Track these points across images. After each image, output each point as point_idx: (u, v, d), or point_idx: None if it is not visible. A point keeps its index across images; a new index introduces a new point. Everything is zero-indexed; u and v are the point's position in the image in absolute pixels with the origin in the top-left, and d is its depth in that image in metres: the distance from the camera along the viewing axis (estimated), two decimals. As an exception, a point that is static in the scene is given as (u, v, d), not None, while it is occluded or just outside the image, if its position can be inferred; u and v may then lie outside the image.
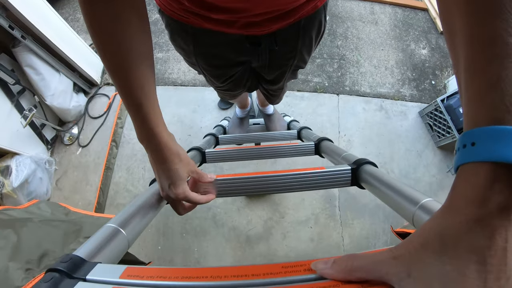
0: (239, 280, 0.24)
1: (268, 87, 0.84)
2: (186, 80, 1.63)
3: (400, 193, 0.37)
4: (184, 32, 0.57)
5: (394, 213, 1.57)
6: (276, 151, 0.81)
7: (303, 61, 0.69)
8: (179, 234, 1.38)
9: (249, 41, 0.57)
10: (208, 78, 0.76)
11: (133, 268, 0.27)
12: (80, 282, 0.25)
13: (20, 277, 0.77)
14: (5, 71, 1.53)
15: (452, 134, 1.47)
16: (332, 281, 0.22)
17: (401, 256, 0.20)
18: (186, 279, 0.24)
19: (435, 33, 1.92)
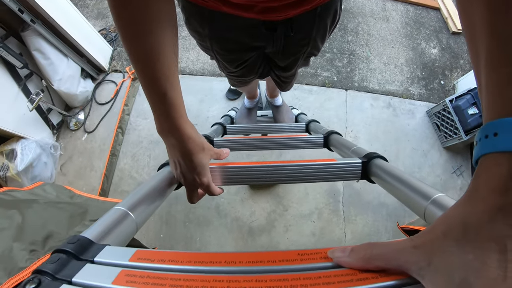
0: (254, 266, 0.23)
1: (280, 74, 0.84)
2: (195, 69, 1.62)
3: (412, 188, 0.36)
4: (200, 15, 0.56)
5: (397, 212, 1.56)
6: (285, 142, 0.80)
7: (316, 48, 0.69)
8: (182, 222, 1.38)
9: (265, 26, 0.57)
10: (221, 64, 0.75)
11: (143, 251, 0.26)
12: (88, 264, 0.25)
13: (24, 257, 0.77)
14: (13, 55, 1.53)
15: (459, 135, 1.46)
16: (349, 270, 0.22)
17: (422, 245, 0.20)
18: (199, 263, 0.24)
19: (446, 33, 1.90)
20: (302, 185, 1.43)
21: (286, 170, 0.49)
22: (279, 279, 0.21)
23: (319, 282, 0.20)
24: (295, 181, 0.50)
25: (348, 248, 0.22)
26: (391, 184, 0.41)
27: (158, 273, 0.23)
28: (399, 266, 0.20)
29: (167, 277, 0.22)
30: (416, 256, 0.19)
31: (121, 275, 0.23)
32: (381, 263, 0.21)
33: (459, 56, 1.84)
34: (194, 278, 0.22)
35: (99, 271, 0.23)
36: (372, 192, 1.46)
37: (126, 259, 0.25)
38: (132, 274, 0.23)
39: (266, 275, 0.21)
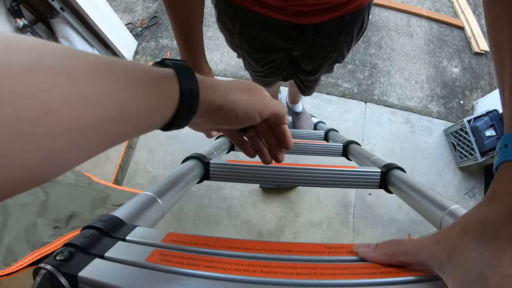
0: (285, 254, 0.24)
1: (304, 78, 0.85)
2: (217, 70, 1.64)
3: (429, 198, 0.37)
4: (232, 13, 0.59)
5: (408, 229, 1.55)
6: (303, 148, 0.81)
7: (342, 55, 0.70)
8: (192, 220, 1.39)
9: (294, 29, 0.59)
10: (247, 62, 0.77)
11: (176, 234, 0.27)
12: (120, 241, 0.25)
13: (47, 233, 0.79)
14: (40, 40, 1.56)
15: (475, 156, 1.45)
16: (373, 263, 0.23)
17: (443, 241, 0.21)
18: (231, 249, 0.24)
19: (468, 53, 1.89)
20: (315, 192, 1.43)
21: (306, 173, 0.50)
22: (308, 267, 0.22)
23: (346, 273, 0.21)
24: (313, 185, 0.51)
25: (373, 244, 0.24)
26: (409, 194, 0.41)
27: (191, 255, 0.23)
28: (422, 261, 0.21)
29: (201, 259, 0.22)
30: (438, 252, 0.20)
31: (154, 253, 0.23)
32: (405, 258, 0.22)
33: (480, 77, 1.83)
34: (228, 261, 0.22)
35: (131, 249, 0.24)
36: (383, 206, 1.46)
37: (159, 240, 0.25)
38: (166, 253, 0.23)
39: (297, 263, 0.22)
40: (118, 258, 0.22)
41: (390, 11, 1.89)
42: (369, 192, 1.48)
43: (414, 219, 1.48)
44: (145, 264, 0.22)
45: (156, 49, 1.75)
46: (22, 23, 1.49)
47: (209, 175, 0.51)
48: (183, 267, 0.22)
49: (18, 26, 1.48)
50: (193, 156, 0.50)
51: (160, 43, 1.76)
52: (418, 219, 1.57)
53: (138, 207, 0.32)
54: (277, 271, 0.21)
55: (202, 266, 0.22)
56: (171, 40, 1.74)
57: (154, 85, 0.20)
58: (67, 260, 0.21)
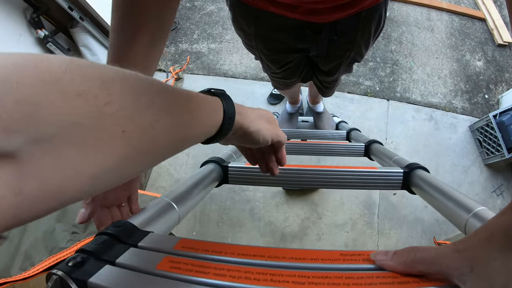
0: (297, 262, 0.23)
1: (323, 78, 0.83)
2: (237, 72, 1.64)
3: (453, 200, 0.36)
4: (247, 14, 0.58)
5: (433, 229, 1.52)
6: (325, 149, 0.80)
7: (359, 54, 0.68)
8: (215, 222, 1.40)
9: (310, 28, 0.57)
10: (265, 64, 0.76)
11: (188, 240, 0.26)
12: (132, 248, 0.25)
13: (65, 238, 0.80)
14: (62, 50, 1.60)
15: (502, 152, 1.40)
16: (391, 273, 0.22)
17: (465, 250, 0.20)
18: (242, 256, 0.24)
19: (491, 45, 1.82)
20: (338, 194, 1.42)
21: (327, 175, 0.50)
22: (321, 276, 0.21)
23: (361, 282, 0.20)
24: (335, 187, 0.51)
25: (390, 251, 0.23)
26: (432, 196, 0.40)
27: (202, 262, 0.23)
28: (441, 271, 0.20)
29: (211, 266, 0.22)
30: (459, 262, 0.19)
31: (165, 261, 0.23)
32: (423, 267, 0.21)
33: (504, 69, 1.76)
34: (237, 269, 0.22)
35: (143, 256, 0.24)
36: (408, 206, 1.43)
37: (171, 247, 0.25)
38: (176, 261, 0.23)
39: (309, 272, 0.22)
40: (129, 264, 0.23)
41: (410, 5, 1.85)
42: (394, 192, 1.45)
43: (440, 219, 1.44)
44: (155, 272, 0.22)
45: (175, 54, 1.76)
46: (43, 34, 1.52)
47: (228, 178, 0.51)
48: (192, 275, 0.22)
49: (39, 37, 1.52)
50: (211, 160, 0.51)
51: (180, 48, 1.78)
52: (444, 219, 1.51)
53: (154, 213, 0.32)
54: (288, 280, 0.21)
55: (211, 274, 0.22)
56: (190, 45, 1.76)
57: (211, 113, 0.25)
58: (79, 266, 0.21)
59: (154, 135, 0.18)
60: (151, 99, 0.17)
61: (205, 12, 1.81)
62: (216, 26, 1.77)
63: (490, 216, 0.31)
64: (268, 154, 0.39)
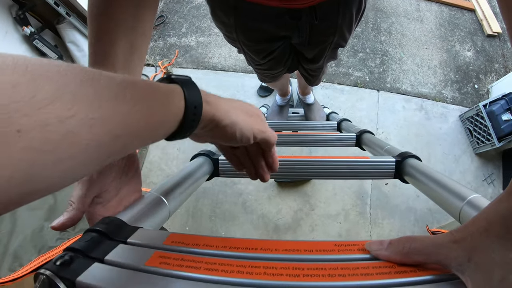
0: (291, 254, 0.23)
1: (308, 66, 0.82)
2: (227, 65, 1.63)
3: (447, 188, 0.35)
4: (225, 5, 0.57)
5: (426, 218, 1.53)
6: (316, 140, 0.80)
7: (343, 38, 0.67)
8: (208, 216, 1.39)
9: (289, 14, 0.57)
10: (248, 56, 0.75)
11: (178, 234, 0.26)
12: (121, 244, 0.24)
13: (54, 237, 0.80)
14: (49, 46, 1.58)
15: (492, 141, 1.41)
16: (386, 262, 0.21)
17: (463, 240, 0.19)
18: (234, 249, 0.24)
19: (481, 36, 1.84)
20: (331, 185, 1.42)
21: (319, 165, 0.49)
22: (316, 267, 0.21)
23: (357, 273, 0.20)
24: (327, 177, 0.50)
25: (385, 241, 0.22)
26: (425, 184, 0.40)
27: (192, 256, 0.22)
28: (438, 261, 0.20)
29: (202, 261, 0.22)
30: (456, 252, 0.19)
31: (154, 256, 0.23)
32: (420, 257, 0.20)
33: (494, 59, 1.77)
34: (229, 262, 0.22)
35: (132, 252, 0.23)
36: (400, 195, 1.44)
37: (160, 242, 0.25)
38: (166, 256, 0.23)
39: (303, 263, 0.21)
40: (118, 261, 0.22)
41: (399, -4, 1.85)
42: (386, 181, 1.46)
43: (433, 208, 1.45)
44: (144, 268, 0.21)
45: (164, 48, 1.75)
46: (29, 31, 1.50)
47: (219, 171, 0.50)
48: (183, 270, 0.21)
49: (26, 34, 1.49)
50: (201, 153, 0.50)
51: (168, 42, 1.76)
52: (437, 208, 1.54)
53: (143, 208, 0.32)
54: (281, 273, 0.20)
55: (202, 268, 0.21)
56: (178, 39, 1.74)
57: (162, 102, 0.21)
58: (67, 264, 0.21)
59: (68, 132, 0.14)
60: (60, 88, 0.14)
61: (193, 5, 1.80)
62: (204, 19, 1.75)
63: (484, 203, 0.30)
64: (256, 158, 0.34)
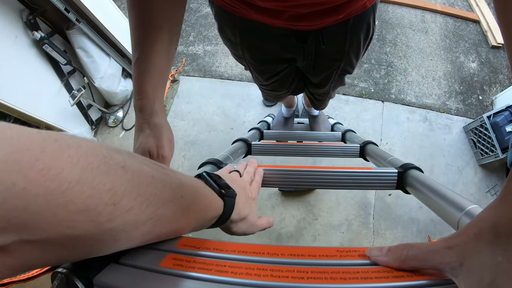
0: (296, 258, 0.24)
1: (314, 91, 0.82)
2: (233, 74, 1.65)
3: (446, 199, 0.36)
4: (232, 23, 0.57)
5: (428, 229, 1.53)
6: (321, 150, 0.81)
7: (350, 65, 0.66)
8: (212, 224, 1.40)
9: (295, 36, 0.56)
10: (254, 74, 0.75)
11: (189, 238, 0.27)
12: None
13: None
14: (58, 51, 1.60)
15: (496, 153, 1.41)
16: (385, 267, 0.23)
17: (456, 246, 0.20)
18: (243, 253, 0.25)
19: (485, 47, 1.84)
20: (334, 194, 1.42)
21: (322, 175, 0.50)
22: (319, 271, 0.22)
23: (357, 277, 0.21)
24: (330, 187, 0.51)
25: (385, 247, 0.24)
26: (426, 195, 0.41)
27: (203, 259, 0.24)
28: (434, 266, 0.21)
29: (213, 263, 0.23)
30: (449, 257, 0.20)
31: (168, 258, 0.24)
32: (417, 263, 0.22)
33: (498, 71, 1.78)
34: (238, 265, 0.23)
35: (145, 254, 0.24)
36: (403, 206, 1.44)
37: (173, 245, 0.26)
38: (179, 258, 0.24)
39: (307, 267, 0.22)
40: (133, 262, 0.23)
41: (404, 7, 1.86)
42: (389, 192, 1.46)
43: (435, 218, 1.45)
44: (158, 269, 0.23)
45: (170, 55, 1.76)
46: (39, 36, 1.51)
47: None
48: (195, 271, 0.22)
49: (36, 38, 1.51)
50: (209, 162, 0.51)
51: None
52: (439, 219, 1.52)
53: None
54: (287, 275, 0.21)
55: (213, 270, 0.22)
56: (186, 47, 1.76)
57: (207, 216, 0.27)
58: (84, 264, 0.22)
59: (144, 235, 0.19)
60: (155, 210, 0.18)
61: (200, 14, 1.82)
62: (211, 28, 1.77)
63: None
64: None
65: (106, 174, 0.14)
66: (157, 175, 0.19)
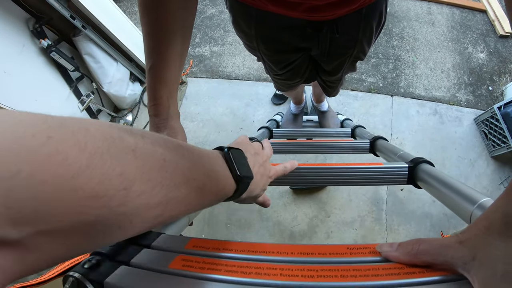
0: (305, 257, 0.24)
1: (327, 78, 0.83)
2: (240, 74, 1.65)
3: (458, 192, 0.36)
4: (247, 15, 0.58)
5: (442, 223, 1.51)
6: (331, 147, 0.80)
7: (362, 51, 0.67)
8: (224, 224, 1.41)
9: (310, 26, 0.57)
10: (267, 65, 0.76)
11: (198, 239, 0.27)
12: (145, 248, 0.26)
13: None
14: (66, 58, 1.61)
15: (508, 144, 1.39)
16: (396, 264, 0.22)
17: (467, 240, 0.20)
18: (252, 252, 0.25)
19: (493, 37, 1.81)
20: (346, 191, 1.42)
21: (333, 172, 0.50)
22: (329, 269, 0.22)
23: (368, 274, 0.21)
24: (341, 184, 0.51)
25: (395, 243, 0.23)
26: (437, 189, 0.40)
27: (213, 259, 0.24)
28: (445, 261, 0.21)
29: (222, 263, 0.23)
30: (461, 252, 0.20)
31: (177, 259, 0.24)
32: (428, 258, 0.21)
33: (507, 60, 1.75)
34: (248, 265, 0.23)
35: (156, 256, 0.25)
36: (416, 201, 1.43)
37: (182, 246, 0.26)
38: (188, 259, 0.24)
39: (317, 265, 0.22)
40: (143, 264, 0.24)
41: (410, 0, 1.84)
42: (401, 187, 1.45)
43: (448, 213, 1.44)
44: (168, 270, 0.23)
45: (177, 58, 1.77)
46: (47, 44, 1.53)
47: None
48: (205, 272, 0.22)
49: (43, 46, 1.53)
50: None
51: (181, 52, 1.78)
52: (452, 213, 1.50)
53: None
54: (297, 274, 0.21)
55: (223, 270, 0.22)
56: (192, 49, 1.77)
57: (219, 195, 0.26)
58: (95, 267, 0.22)
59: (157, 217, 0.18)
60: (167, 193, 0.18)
61: (206, 15, 1.82)
62: (217, 29, 1.77)
63: None
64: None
65: (116, 158, 0.14)
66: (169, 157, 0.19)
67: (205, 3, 1.85)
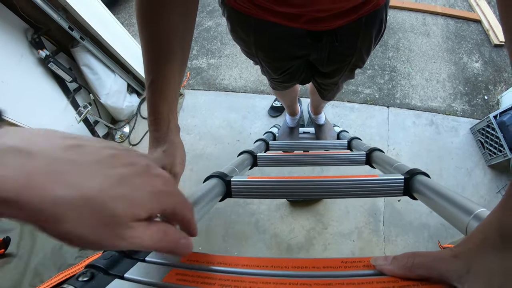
0: (300, 271, 0.24)
1: (321, 81, 0.83)
2: (237, 86, 1.66)
3: (454, 203, 0.36)
4: (246, 24, 0.58)
5: (439, 233, 1.51)
6: (327, 159, 0.80)
7: (361, 59, 0.68)
8: (221, 237, 1.40)
9: (310, 37, 0.57)
10: (264, 69, 0.76)
11: (193, 253, 0.27)
12: (139, 262, 0.26)
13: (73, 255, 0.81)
14: (63, 69, 1.62)
15: (504, 152, 1.39)
16: (391, 277, 0.22)
17: (462, 253, 0.20)
18: (246, 266, 0.25)
19: (488, 46, 1.83)
20: (343, 203, 1.42)
21: (329, 185, 0.50)
22: (323, 283, 0.22)
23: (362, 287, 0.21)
24: (337, 196, 0.50)
25: (390, 256, 0.23)
26: (433, 200, 0.40)
27: (207, 273, 0.24)
28: (440, 274, 0.21)
29: (216, 277, 0.23)
30: (456, 265, 0.20)
31: (171, 273, 0.24)
32: (423, 271, 0.21)
33: (502, 69, 1.77)
34: (242, 279, 0.23)
35: (150, 269, 0.25)
36: (413, 212, 1.43)
37: (177, 260, 0.26)
38: (182, 273, 0.24)
39: (311, 279, 0.22)
40: (137, 278, 0.24)
41: (405, 12, 1.86)
42: (398, 198, 1.45)
43: (446, 223, 1.41)
44: (161, 284, 0.23)
45: (174, 69, 1.78)
46: (45, 54, 1.54)
47: (231, 192, 0.50)
48: (199, 286, 0.22)
49: (41, 57, 1.53)
50: (214, 175, 0.51)
51: (178, 63, 1.79)
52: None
53: None
54: None
55: (217, 285, 0.22)
56: (190, 61, 1.77)
57: None
58: (89, 280, 0.22)
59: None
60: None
61: (203, 27, 1.83)
62: (214, 41, 1.79)
63: None
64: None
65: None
66: None
67: (202, 16, 1.86)
